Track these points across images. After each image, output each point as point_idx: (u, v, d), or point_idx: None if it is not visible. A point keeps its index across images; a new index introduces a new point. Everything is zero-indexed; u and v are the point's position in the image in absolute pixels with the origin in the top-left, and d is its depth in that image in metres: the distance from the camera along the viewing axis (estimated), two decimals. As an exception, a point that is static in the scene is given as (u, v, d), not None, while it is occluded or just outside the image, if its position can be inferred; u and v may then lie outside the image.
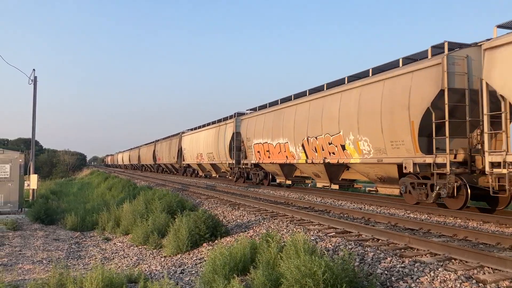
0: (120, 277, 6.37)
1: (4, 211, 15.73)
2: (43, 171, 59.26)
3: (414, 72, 11.79)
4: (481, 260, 5.60)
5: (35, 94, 20.46)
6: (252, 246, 6.86)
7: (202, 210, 10.51)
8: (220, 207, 13.37)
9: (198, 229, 8.98)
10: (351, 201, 13.97)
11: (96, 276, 5.83)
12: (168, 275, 6.90)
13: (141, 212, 12.27)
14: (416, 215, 10.71)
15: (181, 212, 10.16)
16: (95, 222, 13.86)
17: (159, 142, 49.22)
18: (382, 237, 7.53)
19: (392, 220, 9.50)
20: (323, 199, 14.72)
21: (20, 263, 8.99)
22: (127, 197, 15.09)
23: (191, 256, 8.39)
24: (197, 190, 19.77)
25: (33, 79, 20.43)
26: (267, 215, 11.04)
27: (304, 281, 4.73)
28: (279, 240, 6.72)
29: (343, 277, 4.78)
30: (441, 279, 5.03)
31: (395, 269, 5.57)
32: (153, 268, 8.16)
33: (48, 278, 6.60)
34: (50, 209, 15.26)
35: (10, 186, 15.86)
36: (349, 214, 10.91)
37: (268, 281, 5.31)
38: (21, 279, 7.59)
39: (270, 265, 5.94)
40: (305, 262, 4.92)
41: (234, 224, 10.43)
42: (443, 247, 6.32)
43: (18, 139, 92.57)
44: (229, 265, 6.24)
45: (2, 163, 15.88)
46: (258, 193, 17.44)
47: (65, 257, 9.87)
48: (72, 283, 5.98)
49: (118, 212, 13.56)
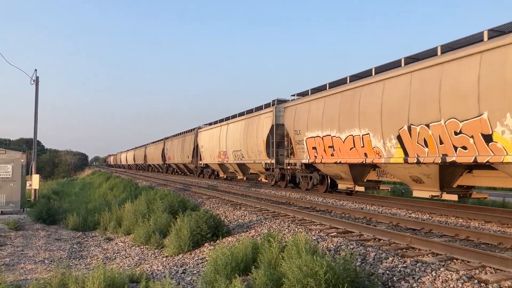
0: (122, 277, 6.38)
1: (6, 211, 15.76)
2: (45, 171, 59.44)
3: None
4: (483, 260, 5.60)
5: (37, 94, 20.51)
6: (254, 246, 6.86)
7: (204, 210, 10.53)
8: (221, 207, 13.37)
9: (199, 229, 8.99)
10: (352, 201, 13.96)
11: (98, 276, 5.84)
12: (170, 275, 6.91)
13: (142, 212, 12.28)
14: (417, 215, 10.71)
15: (182, 212, 10.18)
16: (96, 222, 13.87)
17: (169, 140, 44.69)
18: (384, 237, 7.52)
19: (394, 220, 9.49)
20: (325, 199, 14.72)
21: (22, 263, 9.00)
22: (128, 197, 15.11)
23: (193, 256, 8.40)
24: (199, 190, 19.78)
25: (35, 79, 20.47)
26: (268, 215, 11.05)
27: (305, 281, 4.73)
28: (281, 240, 6.72)
29: (344, 277, 4.78)
30: (442, 279, 5.03)
31: (396, 269, 5.57)
32: (154, 268, 8.17)
33: (50, 278, 6.62)
34: (52, 209, 15.29)
35: (12, 186, 15.89)
36: (351, 214, 10.91)
37: (269, 281, 5.31)
38: (23, 279, 7.61)
39: (271, 265, 5.94)
40: (306, 262, 4.92)
41: (235, 224, 10.43)
42: (445, 247, 6.32)
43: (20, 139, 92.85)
44: (231, 265, 6.24)
45: (4, 163, 15.91)
46: (259, 193, 17.44)
47: (67, 257, 9.89)
48: (74, 283, 5.99)
49: (120, 212, 13.59)
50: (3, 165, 15.88)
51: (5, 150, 16.73)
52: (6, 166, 15.91)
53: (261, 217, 10.71)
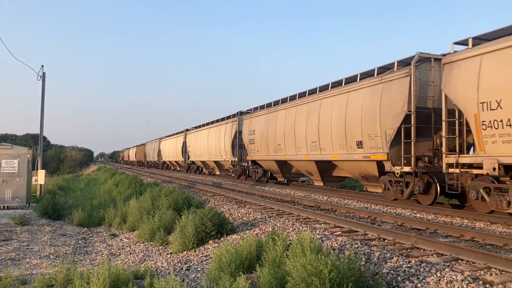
0: (126, 273, 6.41)
1: (12, 206, 15.87)
2: (51, 167, 59.68)
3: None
4: (488, 261, 5.57)
5: (43, 90, 20.62)
6: (258, 244, 6.87)
7: (209, 207, 10.55)
8: (226, 204, 13.39)
9: (204, 226, 9.00)
10: (357, 200, 13.93)
11: (103, 272, 5.86)
12: (174, 272, 6.92)
13: (147, 209, 12.32)
14: (422, 215, 10.66)
15: (187, 209, 10.19)
16: (101, 218, 13.94)
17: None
18: (389, 236, 7.50)
19: (399, 220, 9.46)
20: (329, 198, 14.70)
21: (27, 258, 9.07)
22: (133, 194, 15.15)
23: (197, 253, 8.42)
24: (204, 188, 19.81)
25: (41, 75, 20.57)
26: (273, 213, 11.05)
27: (310, 279, 4.73)
28: (285, 239, 6.72)
29: (349, 276, 4.77)
30: (447, 280, 5.01)
31: (401, 269, 5.55)
32: (159, 264, 8.20)
33: (55, 273, 6.66)
34: (57, 204, 15.37)
35: (18, 181, 15.99)
36: (355, 214, 10.88)
37: (274, 279, 5.31)
38: (29, 274, 7.67)
39: (276, 263, 5.95)
40: (311, 261, 4.92)
41: (240, 222, 10.45)
42: (450, 247, 6.29)
43: (26, 134, 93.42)
44: (235, 263, 6.25)
45: (10, 159, 16.01)
46: (264, 191, 17.44)
47: (72, 252, 9.95)
48: (79, 279, 6.02)
49: (125, 209, 13.63)
50: (9, 160, 15.98)
51: (12, 145, 16.84)
52: (13, 161, 16.01)
53: (265, 215, 10.72)
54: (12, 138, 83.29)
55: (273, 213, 10.98)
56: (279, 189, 18.38)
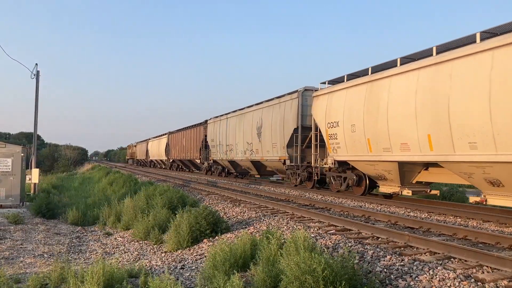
0: (121, 271, 6.40)
1: (6, 204, 15.77)
2: (45, 165, 59.29)
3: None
4: (480, 259, 5.63)
5: (37, 88, 20.51)
6: (253, 243, 6.89)
7: (203, 206, 10.54)
8: (221, 203, 13.40)
9: (198, 225, 9.00)
10: (351, 199, 13.99)
11: (97, 271, 5.86)
12: (169, 271, 6.93)
13: (142, 208, 12.30)
14: (416, 214, 10.74)
15: (182, 207, 10.19)
16: (96, 217, 13.90)
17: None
18: (382, 235, 7.56)
19: (392, 218, 9.52)
20: (324, 197, 14.75)
21: (21, 257, 9.03)
22: (128, 192, 15.12)
23: (192, 252, 8.43)
24: (198, 186, 19.81)
25: (35, 73, 20.46)
26: (267, 212, 11.07)
27: (303, 278, 4.75)
28: (280, 237, 6.74)
29: (342, 275, 4.80)
30: (440, 278, 5.06)
31: (394, 267, 5.60)
32: (153, 263, 8.20)
33: (50, 272, 6.65)
34: (51, 203, 15.30)
35: (12, 180, 15.90)
36: (349, 212, 10.94)
37: (268, 278, 5.34)
38: (23, 273, 7.64)
39: (270, 261, 5.96)
40: (305, 259, 4.94)
41: (234, 221, 10.46)
42: (443, 246, 6.35)
43: (20, 133, 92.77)
44: (230, 261, 6.26)
45: (4, 157, 15.91)
46: (259, 189, 17.46)
47: (66, 251, 9.92)
48: (73, 277, 6.01)
49: (119, 207, 13.60)
50: (3, 159, 15.88)
51: (5, 144, 16.72)
52: (6, 160, 15.91)
53: (260, 214, 10.74)
54: (6, 137, 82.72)
55: (268, 212, 11.01)
56: (274, 188, 18.41)
